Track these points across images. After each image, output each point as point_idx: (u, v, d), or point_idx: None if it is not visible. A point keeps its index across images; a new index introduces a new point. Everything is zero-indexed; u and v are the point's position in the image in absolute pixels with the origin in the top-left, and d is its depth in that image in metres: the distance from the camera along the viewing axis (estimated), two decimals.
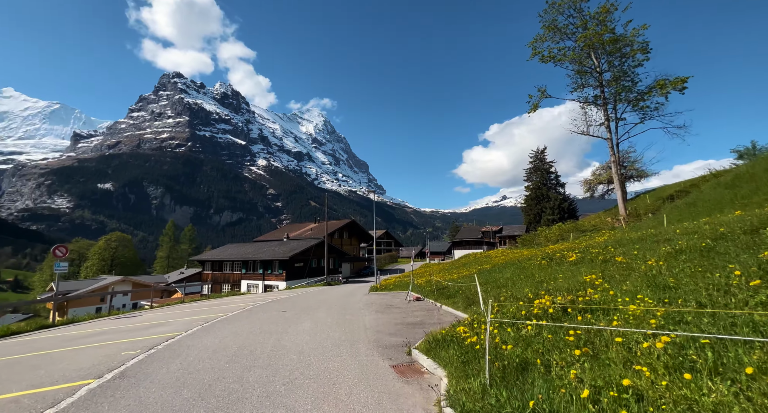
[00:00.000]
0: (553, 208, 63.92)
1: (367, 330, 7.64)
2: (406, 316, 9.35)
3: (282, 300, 15.30)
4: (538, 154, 71.36)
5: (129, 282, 58.93)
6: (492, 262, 23.25)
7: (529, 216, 70.31)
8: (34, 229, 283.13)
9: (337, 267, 42.46)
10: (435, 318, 8.84)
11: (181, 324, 9.16)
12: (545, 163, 70.42)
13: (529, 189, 71.74)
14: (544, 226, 52.20)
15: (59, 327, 10.59)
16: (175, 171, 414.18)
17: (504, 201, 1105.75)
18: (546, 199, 67.70)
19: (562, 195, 65.86)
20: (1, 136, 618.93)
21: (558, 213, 63.43)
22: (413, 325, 8.00)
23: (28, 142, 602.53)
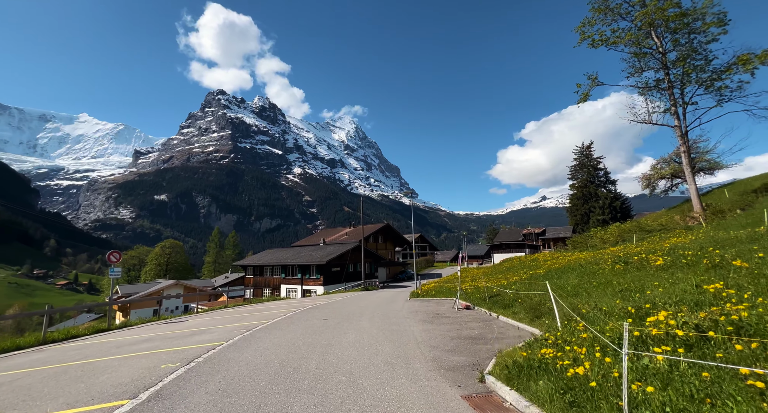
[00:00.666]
0: (603, 207, 58.64)
1: (420, 345, 6.71)
2: (461, 328, 8.27)
3: (322, 306, 14.82)
4: (584, 149, 66.09)
5: (180, 285, 63.05)
6: (544, 266, 21.19)
7: (575, 217, 65.11)
8: (104, 237, 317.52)
9: (374, 271, 41.91)
10: (495, 331, 7.68)
11: (223, 332, 8.85)
12: (592, 159, 64.98)
13: (574, 187, 66.52)
14: (597, 227, 47.94)
15: (113, 331, 10.87)
16: (220, 181, 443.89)
17: (544, 202, 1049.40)
18: (594, 198, 62.35)
19: (613, 193, 60.23)
20: (78, 156, 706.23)
21: (609, 213, 58.03)
22: (472, 340, 6.93)
23: (99, 160, 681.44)
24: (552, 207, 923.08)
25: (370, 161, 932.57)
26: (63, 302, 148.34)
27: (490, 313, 10.11)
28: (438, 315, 10.74)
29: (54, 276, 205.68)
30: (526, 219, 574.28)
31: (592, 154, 65.01)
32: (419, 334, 7.81)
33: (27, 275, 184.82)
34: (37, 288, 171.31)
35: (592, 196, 62.72)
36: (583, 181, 64.34)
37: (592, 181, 64.27)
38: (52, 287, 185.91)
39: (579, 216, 64.06)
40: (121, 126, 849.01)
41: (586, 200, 63.10)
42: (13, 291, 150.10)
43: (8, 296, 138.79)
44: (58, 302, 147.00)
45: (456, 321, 9.42)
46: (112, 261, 11.79)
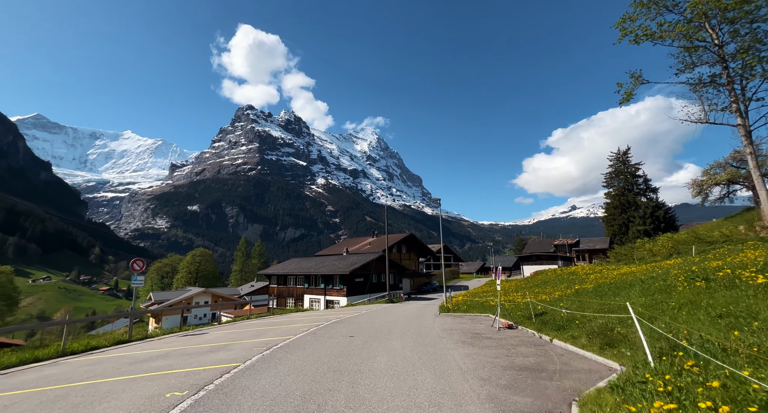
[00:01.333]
0: (643, 217, 54.27)
1: (467, 376, 5.57)
2: (510, 354, 7.01)
3: (346, 320, 13.87)
4: (620, 155, 61.98)
5: (208, 293, 64.44)
6: (589, 281, 19.16)
7: (612, 227, 60.65)
8: (142, 246, 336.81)
9: (398, 282, 40.59)
10: (554, 360, 6.37)
11: (241, 349, 8.08)
12: (629, 166, 60.72)
13: (610, 196, 62.26)
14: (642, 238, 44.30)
15: (134, 343, 10.48)
16: (247, 192, 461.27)
17: (574, 211, 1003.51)
18: (633, 207, 57.97)
19: (655, 201, 55.69)
20: (122, 170, 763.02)
21: (651, 223, 53.57)
22: (531, 372, 5.68)
23: (139, 173, 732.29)
24: (583, 218, 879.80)
25: (392, 171, 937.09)
26: (104, 307, 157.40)
27: (541, 336, 8.72)
28: (477, 335, 9.46)
29: (97, 282, 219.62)
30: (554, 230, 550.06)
31: (630, 160, 60.77)
32: (462, 360, 6.64)
33: (74, 281, 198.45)
34: (83, 293, 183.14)
35: (631, 205, 58.29)
36: (620, 189, 60.08)
37: (630, 189, 59.87)
38: (95, 292, 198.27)
39: (616, 226, 59.62)
40: (160, 141, 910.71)
41: (624, 209, 58.72)
42: (62, 295, 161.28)
43: (58, 300, 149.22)
44: (99, 307, 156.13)
45: (501, 344, 8.13)
46: (136, 269, 11.54)
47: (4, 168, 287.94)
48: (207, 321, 59.41)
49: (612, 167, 62.39)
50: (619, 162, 61.62)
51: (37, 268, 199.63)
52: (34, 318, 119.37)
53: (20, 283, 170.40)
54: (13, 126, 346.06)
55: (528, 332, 9.48)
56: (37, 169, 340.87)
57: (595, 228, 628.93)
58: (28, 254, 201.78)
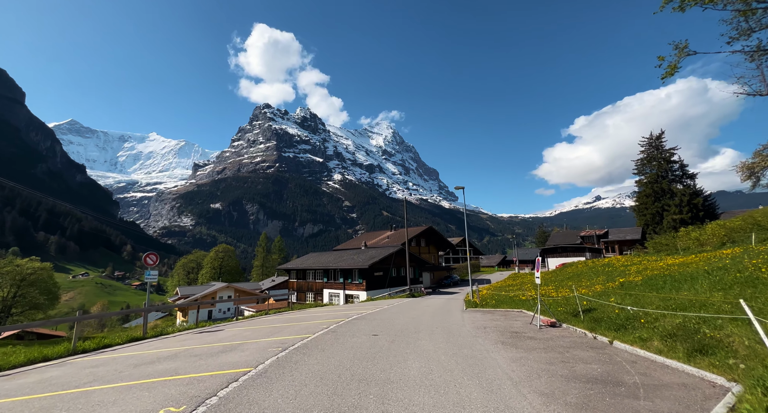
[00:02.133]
0: (680, 205, 50.46)
1: (521, 388, 4.50)
2: (566, 360, 5.86)
3: (368, 316, 13.00)
4: (653, 140, 57.75)
5: (231, 288, 65.97)
6: (630, 273, 17.41)
7: (644, 217, 56.91)
8: (170, 243, 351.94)
9: (418, 276, 39.57)
10: (627, 369, 5.17)
11: (255, 350, 7.32)
12: (663, 151, 56.48)
13: (641, 183, 58.35)
14: (680, 227, 41.30)
15: (147, 340, 10.04)
16: (266, 189, 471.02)
17: (598, 202, 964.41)
18: (669, 195, 54.04)
19: (692, 188, 51.58)
20: (149, 171, 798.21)
21: (688, 212, 49.75)
22: (604, 385, 4.53)
23: (165, 173, 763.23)
24: (608, 208, 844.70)
25: (408, 165, 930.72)
26: (137, 301, 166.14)
27: (595, 336, 7.46)
28: (516, 334, 8.31)
29: (130, 278, 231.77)
30: (577, 222, 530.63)
31: (663, 145, 56.55)
32: (509, 367, 5.56)
33: (109, 276, 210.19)
34: (117, 288, 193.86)
35: (665, 193, 54.39)
36: (653, 176, 56.12)
37: (665, 176, 55.85)
38: (128, 287, 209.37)
39: (649, 216, 55.90)
40: (183, 142, 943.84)
41: (658, 197, 54.87)
42: (99, 290, 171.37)
43: (96, 295, 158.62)
44: (133, 300, 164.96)
45: (549, 346, 6.97)
46: (149, 263, 11.11)
47: (44, 171, 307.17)
48: (231, 315, 60.85)
49: (644, 153, 58.29)
50: (652, 147, 57.47)
51: (76, 265, 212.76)
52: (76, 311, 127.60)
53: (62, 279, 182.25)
54: (50, 132, 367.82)
55: (576, 331, 8.24)
56: (72, 172, 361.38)
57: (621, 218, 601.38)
58: (67, 252, 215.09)
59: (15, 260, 52.81)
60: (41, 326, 9.04)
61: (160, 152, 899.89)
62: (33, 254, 76.98)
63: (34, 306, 49.82)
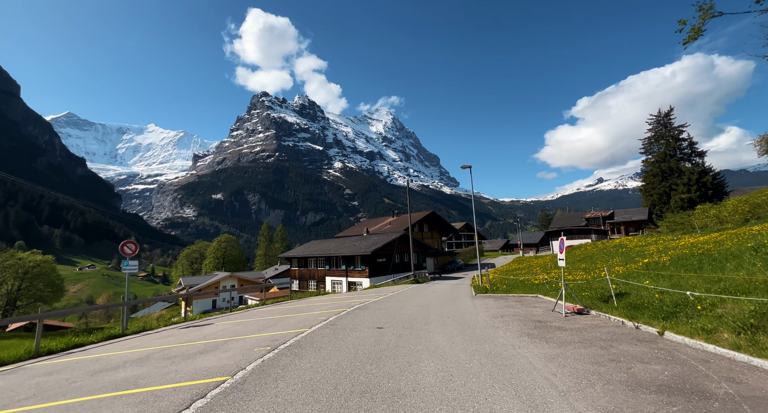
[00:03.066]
0: (688, 184, 48.91)
1: (573, 402, 3.40)
2: (615, 357, 4.76)
3: (371, 305, 11.98)
4: (661, 117, 55.50)
5: (234, 277, 65.77)
6: (647, 253, 16.26)
7: (650, 197, 55.45)
8: (173, 234, 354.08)
9: (421, 262, 38.73)
10: (705, 372, 4.06)
11: (240, 350, 6.26)
12: (672, 129, 54.36)
13: (649, 163, 56.52)
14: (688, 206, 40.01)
15: (126, 337, 9.08)
16: (267, 179, 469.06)
17: (600, 184, 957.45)
18: (677, 173, 52.37)
19: (701, 166, 49.89)
20: (149, 163, 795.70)
21: (697, 190, 48.24)
22: (686, 397, 3.42)
23: (165, 165, 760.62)
24: (611, 190, 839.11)
25: (409, 152, 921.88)
26: (143, 291, 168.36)
27: (637, 326, 6.36)
28: (540, 323, 7.24)
29: None
30: (580, 205, 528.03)
31: (672, 123, 54.40)
32: (545, 368, 4.46)
33: (115, 268, 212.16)
34: (124, 279, 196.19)
35: (674, 172, 52.73)
36: (661, 154, 54.32)
37: (673, 155, 54.05)
38: (134, 278, 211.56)
39: (656, 195, 54.45)
40: (182, 133, 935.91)
41: (665, 177, 53.27)
42: (106, 281, 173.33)
43: (103, 286, 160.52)
44: (140, 291, 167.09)
45: (585, 338, 5.88)
46: (126, 253, 10.03)
47: (45, 165, 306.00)
48: (235, 304, 60.92)
49: (652, 131, 56.20)
50: (660, 125, 55.34)
51: (82, 257, 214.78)
52: (84, 303, 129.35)
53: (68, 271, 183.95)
54: (48, 125, 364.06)
55: (611, 320, 7.13)
56: (73, 165, 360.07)
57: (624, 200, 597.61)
58: (72, 244, 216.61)
59: (17, 253, 52.41)
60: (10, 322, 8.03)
61: (160, 143, 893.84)
62: (39, 247, 76.87)
63: (39, 298, 49.77)
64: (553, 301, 10.46)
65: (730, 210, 21.81)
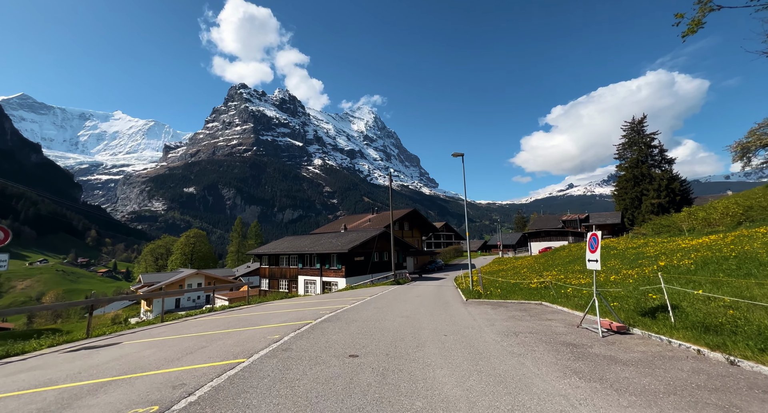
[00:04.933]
0: (658, 190, 50.32)
1: None
2: None
3: (345, 314, 9.66)
4: (635, 125, 57.03)
5: (202, 275, 61.12)
6: (647, 255, 14.98)
7: (623, 201, 56.80)
8: (140, 229, 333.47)
9: (401, 261, 36.75)
10: None
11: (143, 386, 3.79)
12: (644, 136, 55.98)
13: (622, 168, 57.97)
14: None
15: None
16: (244, 174, 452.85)
17: (571, 189, 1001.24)
18: (648, 179, 53.79)
19: (670, 173, 51.40)
20: (115, 152, 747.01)
21: (666, 196, 49.74)
22: None
23: (133, 155, 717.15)
24: (580, 195, 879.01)
25: (390, 151, 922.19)
26: (103, 288, 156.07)
27: (732, 360, 4.43)
28: (577, 348, 5.27)
29: (95, 265, 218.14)
30: (551, 208, 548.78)
31: (644, 130, 56.01)
32: None
33: (72, 263, 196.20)
34: (81, 275, 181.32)
35: (645, 177, 54.10)
36: (634, 160, 55.71)
37: (644, 161, 55.55)
38: (93, 275, 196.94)
39: (628, 200, 55.73)
40: (152, 122, 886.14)
41: (638, 182, 54.59)
42: (60, 277, 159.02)
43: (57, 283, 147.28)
44: (99, 288, 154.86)
45: (669, 382, 3.91)
46: None
47: None
48: (201, 303, 56.43)
49: (626, 137, 57.55)
50: (634, 131, 56.73)
51: (33, 251, 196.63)
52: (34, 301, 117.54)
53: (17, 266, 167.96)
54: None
55: (674, 345, 5.14)
56: (26, 151, 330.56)
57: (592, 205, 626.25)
58: (22, 237, 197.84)
59: None
60: None
61: (127, 132, 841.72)
62: None
63: None
64: (566, 311, 8.60)
65: (720, 213, 21.16)
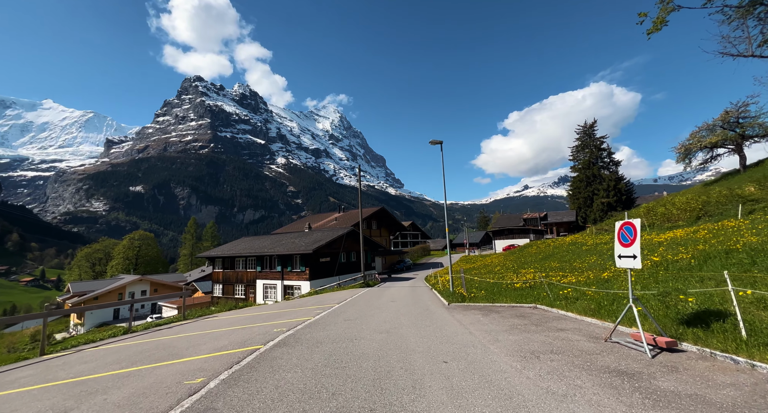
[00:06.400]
0: (607, 190, 53.68)
1: None
2: None
3: (306, 332, 7.57)
4: (587, 128, 60.57)
5: (146, 281, 54.43)
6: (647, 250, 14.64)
7: (577, 200, 60.01)
8: (75, 231, 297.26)
9: (370, 261, 34.89)
10: None
11: None
12: (595, 139, 59.66)
13: (576, 169, 61.26)
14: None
15: None
16: (200, 172, 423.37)
17: (526, 191, 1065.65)
18: (599, 180, 57.34)
19: (617, 174, 55.27)
20: (44, 146, 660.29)
21: (614, 195, 53.17)
22: None
23: (67, 149, 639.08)
24: (534, 196, 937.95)
25: (356, 151, 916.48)
26: (27, 299, 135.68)
27: None
28: (632, 378, 3.77)
29: (18, 273, 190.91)
30: (510, 208, 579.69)
31: (595, 133, 59.60)
32: None
33: None
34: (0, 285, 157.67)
35: (596, 178, 57.52)
36: (586, 162, 59.05)
37: (595, 163, 59.10)
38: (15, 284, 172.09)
39: (581, 199, 58.89)
40: (91, 113, 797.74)
41: (590, 182, 57.88)
42: None
43: None
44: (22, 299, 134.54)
45: None
46: None
47: None
48: (146, 312, 50.09)
49: (579, 140, 60.88)
50: (586, 135, 60.19)
51: None
52: None
53: None
54: None
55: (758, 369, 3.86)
56: None
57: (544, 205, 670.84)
58: None
59: None
60: None
61: (59, 124, 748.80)
62: None
63: None
64: (572, 317, 7.30)
65: (679, 208, 21.77)
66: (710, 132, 34.42)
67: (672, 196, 30.14)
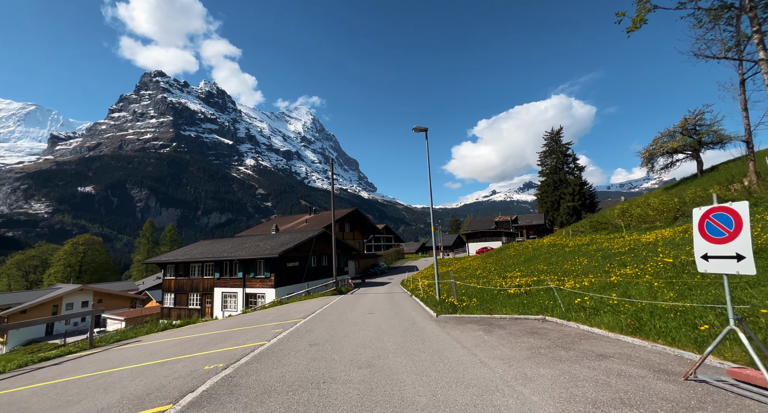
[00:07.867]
0: (573, 194, 55.73)
1: None
2: None
3: (254, 369, 5.44)
4: (554, 134, 62.85)
5: (90, 291, 48.02)
6: (621, 252, 13.73)
7: (545, 204, 61.82)
8: (10, 236, 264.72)
9: (343, 266, 32.62)
10: None
11: None
12: (561, 145, 62.06)
13: (544, 174, 63.24)
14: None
15: None
16: (160, 172, 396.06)
17: (494, 196, 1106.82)
18: (565, 184, 59.55)
19: (581, 179, 57.69)
20: None
21: (579, 199, 55.26)
22: None
23: (2, 145, 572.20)
24: (501, 201, 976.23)
25: (328, 154, 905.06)
26: None
27: None
28: None
29: None
30: (479, 212, 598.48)
31: (561, 140, 61.96)
32: None
33: None
34: None
35: (563, 183, 59.58)
36: (553, 167, 61.17)
37: (561, 168, 61.32)
38: None
39: (549, 203, 60.69)
40: (32, 106, 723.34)
41: (557, 187, 59.84)
42: None
43: None
44: None
45: None
46: None
47: None
48: (85, 327, 44.01)
49: (546, 146, 62.98)
50: (553, 141, 62.40)
51: None
52: None
53: None
54: None
55: None
56: None
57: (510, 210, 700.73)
58: None
59: None
60: None
61: None
62: None
63: None
64: (603, 335, 5.82)
65: (655, 209, 21.70)
66: (671, 138, 35.88)
67: (645, 197, 30.70)
